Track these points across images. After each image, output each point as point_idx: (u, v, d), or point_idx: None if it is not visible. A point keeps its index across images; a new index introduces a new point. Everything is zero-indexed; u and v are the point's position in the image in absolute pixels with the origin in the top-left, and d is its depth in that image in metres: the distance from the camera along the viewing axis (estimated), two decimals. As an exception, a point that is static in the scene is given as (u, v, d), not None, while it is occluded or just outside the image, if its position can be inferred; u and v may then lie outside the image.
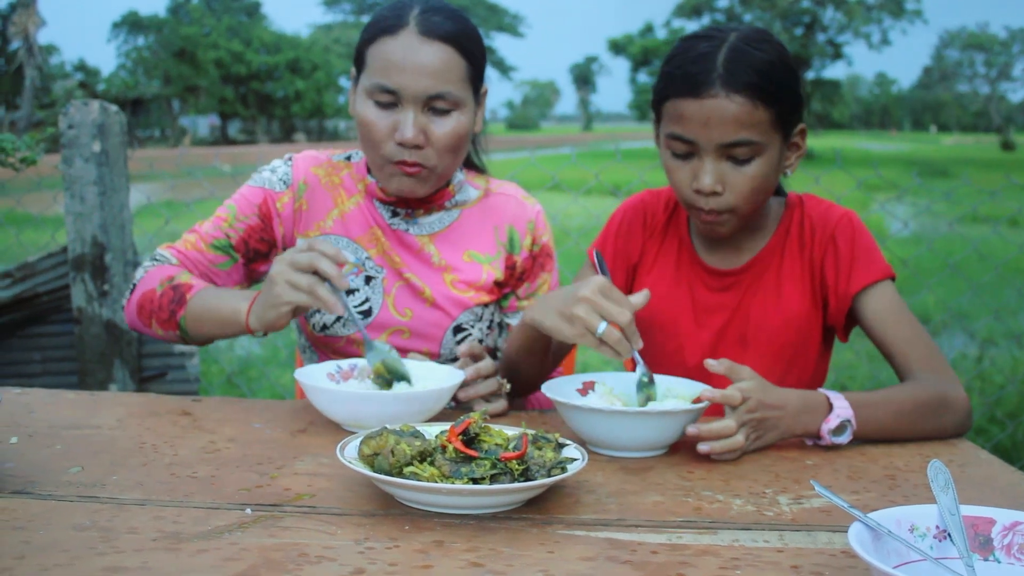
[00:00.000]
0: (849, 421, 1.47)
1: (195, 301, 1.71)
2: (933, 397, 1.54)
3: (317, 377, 1.60)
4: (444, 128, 1.72)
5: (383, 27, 1.72)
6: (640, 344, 1.46)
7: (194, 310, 1.71)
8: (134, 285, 1.82)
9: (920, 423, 1.53)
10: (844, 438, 1.47)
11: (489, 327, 1.92)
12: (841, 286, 1.68)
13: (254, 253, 1.88)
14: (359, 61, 1.77)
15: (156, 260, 1.85)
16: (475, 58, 1.76)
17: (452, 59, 1.71)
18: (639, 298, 1.47)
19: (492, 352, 1.96)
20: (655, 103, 1.67)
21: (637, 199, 1.89)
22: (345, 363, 1.66)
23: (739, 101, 1.55)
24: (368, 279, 1.85)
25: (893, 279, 1.69)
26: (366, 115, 1.73)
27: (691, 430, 1.41)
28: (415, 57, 1.68)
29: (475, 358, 1.65)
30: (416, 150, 1.72)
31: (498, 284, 1.91)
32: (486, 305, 1.90)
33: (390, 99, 1.71)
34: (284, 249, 1.88)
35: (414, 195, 1.79)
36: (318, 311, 1.84)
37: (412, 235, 1.87)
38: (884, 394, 1.54)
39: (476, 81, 1.78)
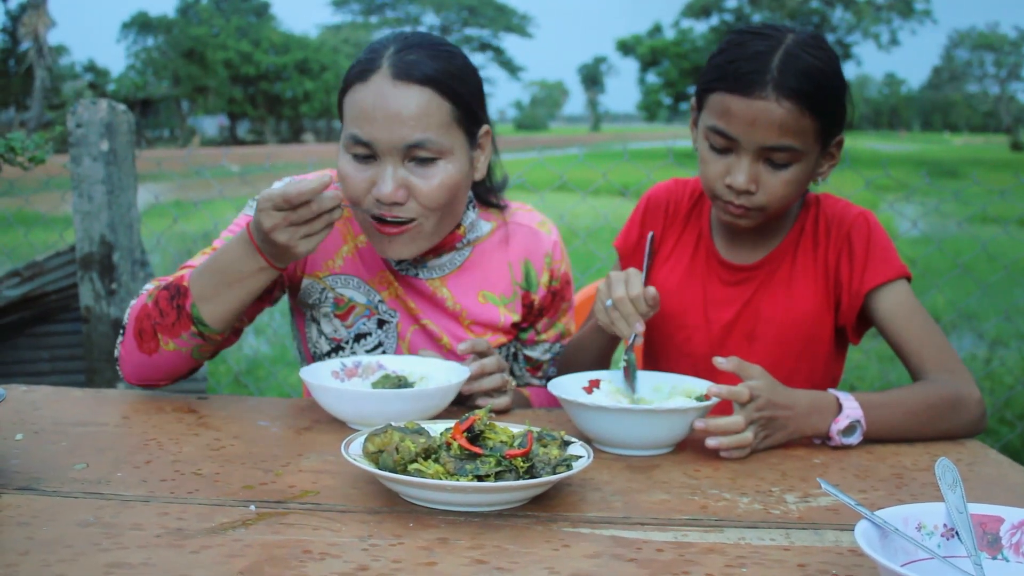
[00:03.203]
0: (859, 422, 1.46)
1: (196, 281, 1.54)
2: (945, 398, 1.53)
3: (322, 375, 1.60)
4: (429, 181, 1.57)
5: (356, 73, 1.60)
6: (638, 326, 1.52)
7: (201, 288, 1.53)
8: (123, 328, 1.62)
9: (932, 424, 1.52)
10: (854, 439, 1.46)
11: (505, 359, 1.84)
12: (855, 284, 1.67)
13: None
14: (340, 112, 1.65)
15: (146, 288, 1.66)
16: (462, 98, 1.60)
17: (431, 102, 1.56)
18: (651, 290, 1.54)
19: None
20: (699, 92, 1.65)
21: (663, 186, 1.89)
22: (349, 361, 1.65)
23: (788, 107, 1.54)
24: (381, 323, 1.77)
25: (909, 279, 1.68)
26: (344, 169, 1.60)
27: (699, 424, 1.40)
28: (387, 104, 1.55)
29: (481, 355, 1.64)
30: (397, 206, 1.58)
31: (515, 325, 1.82)
32: (504, 345, 1.83)
33: (366, 151, 1.58)
34: (289, 287, 1.78)
35: (408, 257, 1.66)
36: (326, 355, 1.77)
37: (423, 280, 1.76)
38: (895, 395, 1.53)
39: (468, 122, 1.63)
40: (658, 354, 1.80)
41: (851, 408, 1.46)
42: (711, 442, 1.39)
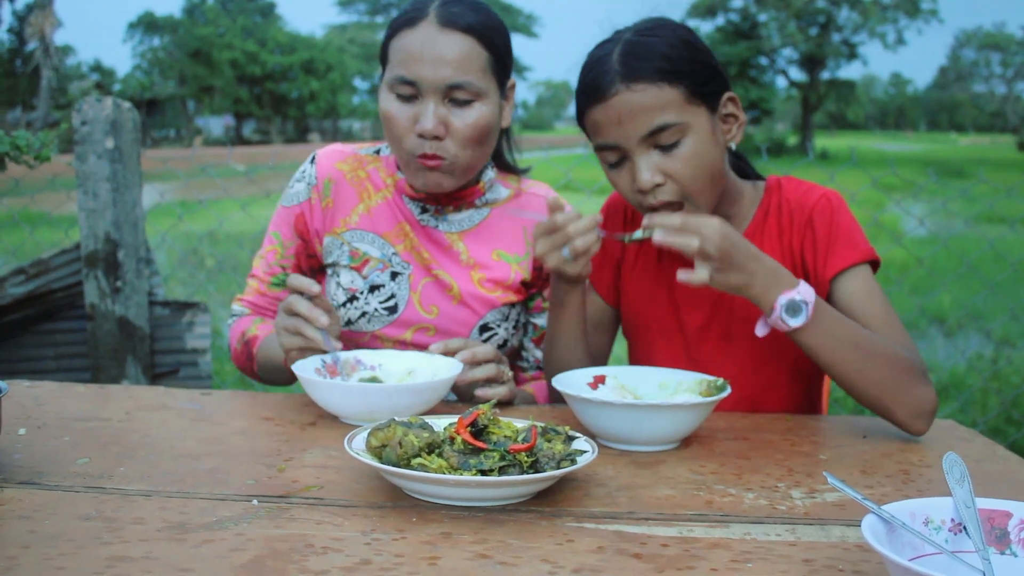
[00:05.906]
0: (805, 303, 1.43)
1: (259, 356, 1.83)
2: (901, 357, 1.48)
3: (308, 370, 1.58)
4: (465, 119, 1.70)
5: (404, 20, 1.72)
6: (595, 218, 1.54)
7: (261, 365, 1.84)
8: (229, 342, 1.94)
9: (878, 369, 1.46)
10: (797, 321, 1.43)
11: (515, 327, 1.89)
12: (820, 271, 1.62)
13: (310, 272, 1.92)
14: (384, 57, 1.76)
15: (234, 316, 1.94)
16: (498, 49, 1.73)
17: (472, 49, 1.69)
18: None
19: (517, 352, 1.94)
20: (580, 124, 1.64)
21: (618, 194, 1.85)
22: (329, 358, 1.62)
23: (640, 88, 1.51)
24: (394, 275, 1.83)
25: (877, 263, 1.62)
26: (388, 108, 1.72)
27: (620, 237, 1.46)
28: (433, 47, 1.67)
29: (476, 352, 1.64)
30: (436, 142, 1.70)
31: (525, 284, 1.89)
32: (513, 305, 1.87)
33: (411, 91, 1.70)
34: (309, 268, 1.93)
35: (440, 189, 1.77)
36: (343, 306, 1.83)
37: (441, 232, 1.86)
38: (854, 323, 1.50)
39: (500, 73, 1.76)
40: (637, 363, 1.77)
41: (806, 292, 1.43)
42: (657, 235, 1.42)
